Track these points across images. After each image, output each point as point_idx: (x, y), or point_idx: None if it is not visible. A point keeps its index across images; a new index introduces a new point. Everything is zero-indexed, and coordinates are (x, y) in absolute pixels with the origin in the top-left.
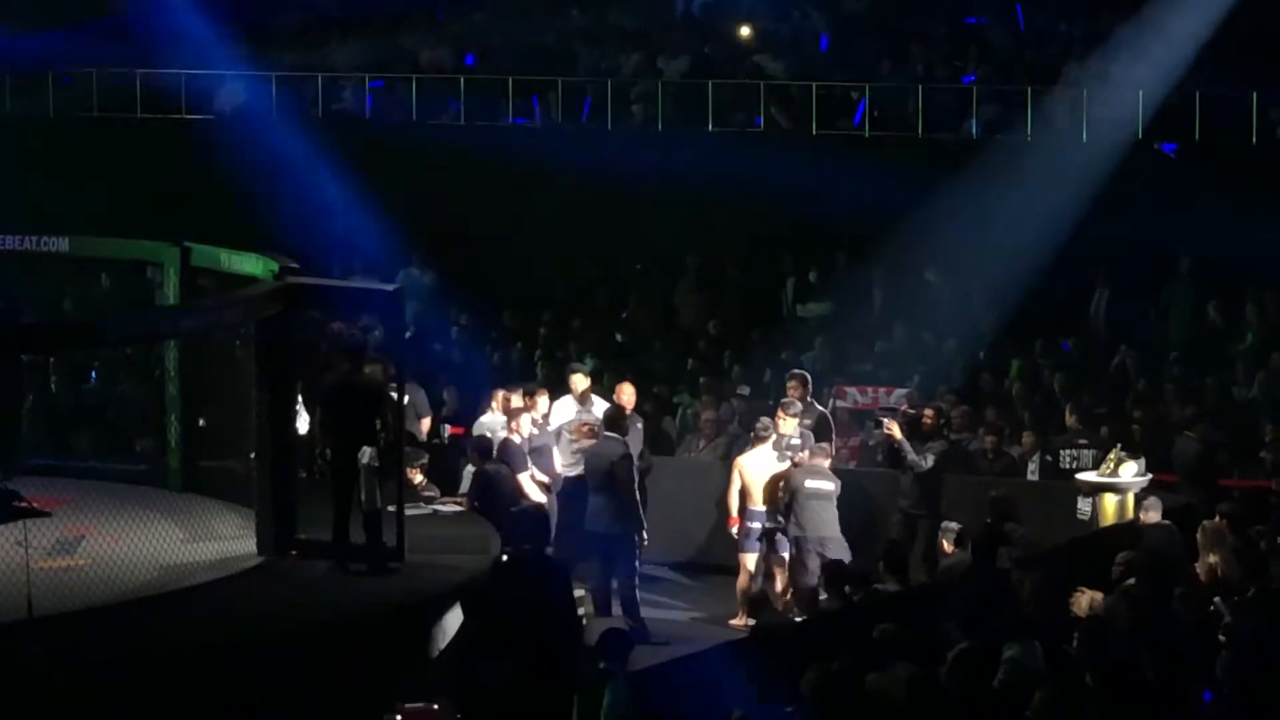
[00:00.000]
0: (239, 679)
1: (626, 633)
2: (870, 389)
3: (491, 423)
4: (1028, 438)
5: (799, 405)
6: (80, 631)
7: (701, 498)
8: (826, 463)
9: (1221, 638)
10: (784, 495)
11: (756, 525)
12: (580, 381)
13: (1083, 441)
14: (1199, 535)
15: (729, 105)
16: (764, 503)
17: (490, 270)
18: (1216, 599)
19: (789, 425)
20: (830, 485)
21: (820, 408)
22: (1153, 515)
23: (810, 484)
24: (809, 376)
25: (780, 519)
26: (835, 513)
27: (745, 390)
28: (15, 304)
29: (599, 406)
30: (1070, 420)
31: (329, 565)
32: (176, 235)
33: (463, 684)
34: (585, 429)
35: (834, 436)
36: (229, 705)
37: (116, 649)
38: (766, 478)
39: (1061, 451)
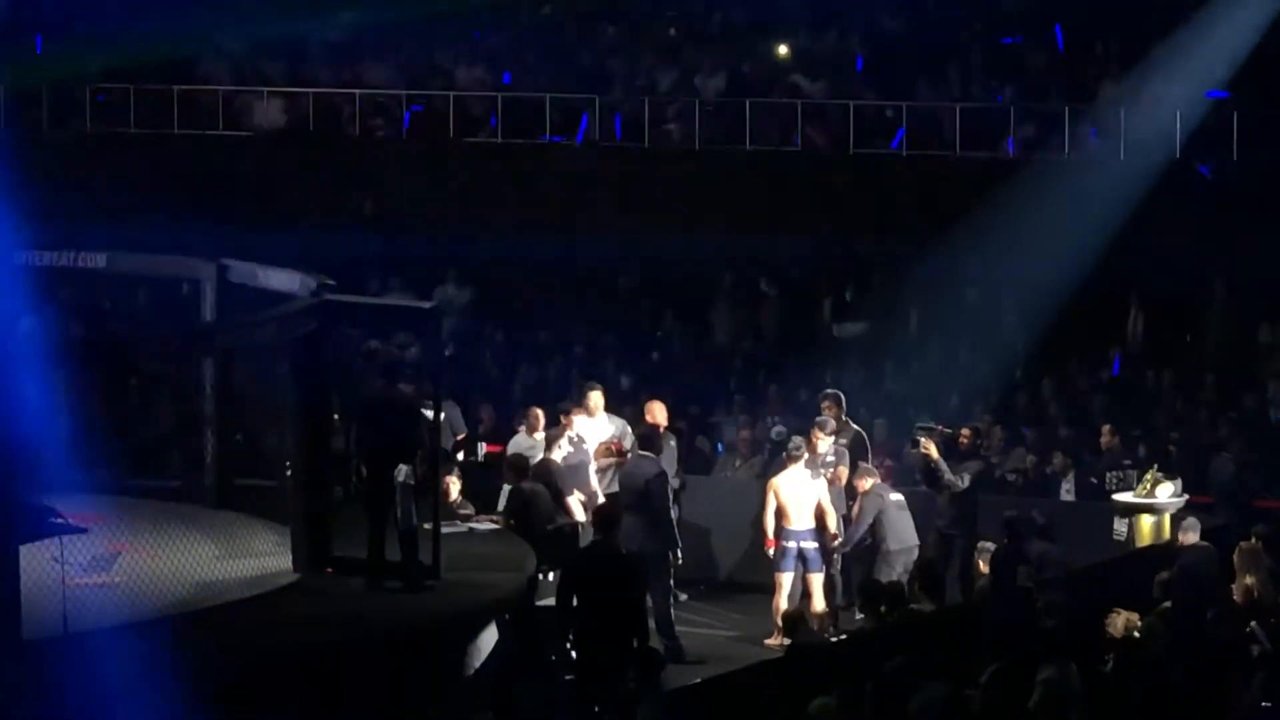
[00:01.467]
0: (273, 697)
1: (658, 651)
2: None
3: (520, 443)
4: (1059, 458)
5: (834, 424)
6: (115, 648)
7: (737, 517)
8: (876, 478)
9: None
10: (868, 514)
11: (792, 545)
12: (596, 399)
13: (1128, 462)
14: (1235, 557)
15: (766, 124)
16: (798, 522)
17: (526, 287)
18: (1253, 623)
19: (825, 444)
20: (902, 496)
21: (855, 426)
22: (1191, 536)
23: (894, 496)
24: (843, 396)
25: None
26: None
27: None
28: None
29: (613, 424)
30: (1109, 441)
31: (364, 583)
32: (214, 252)
33: (498, 703)
34: (603, 449)
35: (870, 456)
36: None
37: (151, 666)
38: (801, 496)
39: (1107, 473)
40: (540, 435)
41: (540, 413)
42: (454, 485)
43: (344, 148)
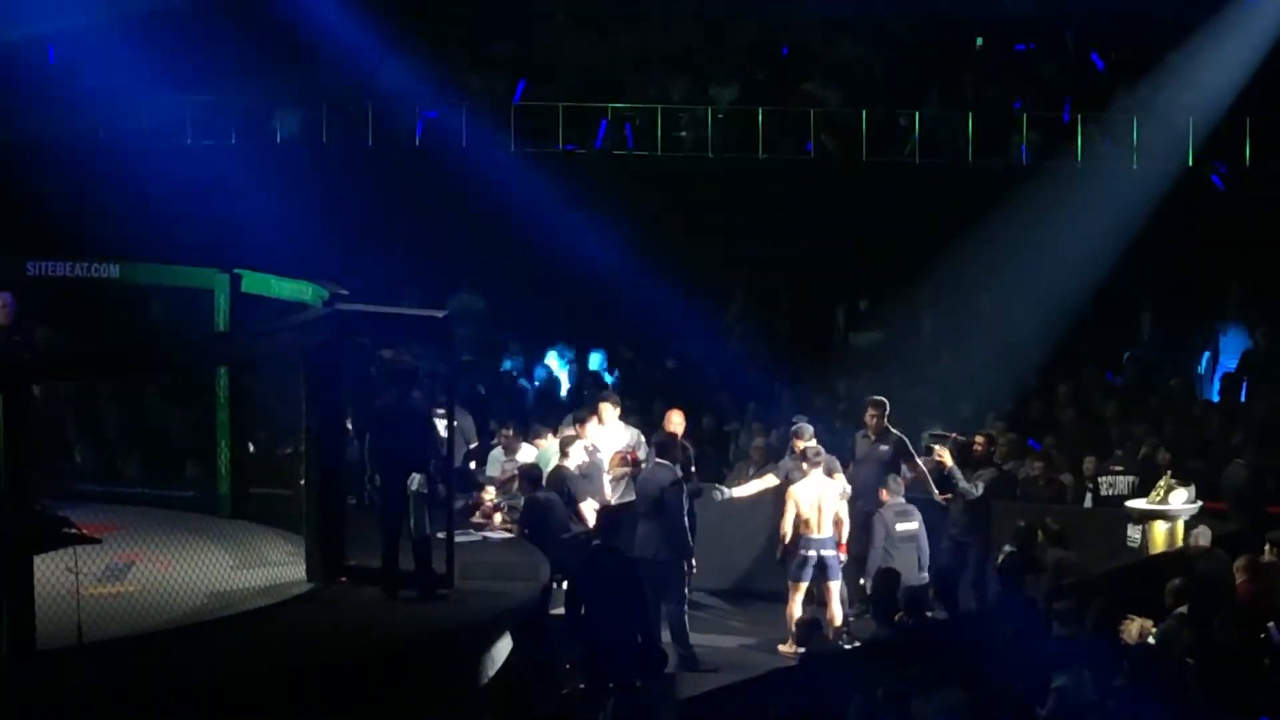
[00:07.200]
0: (288, 706)
1: (659, 648)
2: None
3: (496, 459)
4: (1084, 464)
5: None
6: (130, 658)
7: (750, 525)
8: (901, 495)
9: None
10: (877, 540)
11: (813, 554)
12: (610, 410)
13: (1118, 468)
14: (1252, 566)
15: (779, 132)
16: (819, 530)
17: (541, 296)
18: (1270, 624)
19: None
20: (916, 524)
21: (897, 432)
22: (1204, 542)
23: (901, 527)
24: (886, 402)
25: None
26: (916, 557)
27: (800, 418)
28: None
29: (627, 433)
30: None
31: (378, 592)
32: (227, 262)
33: (510, 712)
34: (618, 458)
35: (916, 459)
36: None
37: (166, 676)
38: (821, 505)
39: (1100, 479)
40: (500, 452)
41: (512, 434)
42: (488, 494)
43: (359, 156)
